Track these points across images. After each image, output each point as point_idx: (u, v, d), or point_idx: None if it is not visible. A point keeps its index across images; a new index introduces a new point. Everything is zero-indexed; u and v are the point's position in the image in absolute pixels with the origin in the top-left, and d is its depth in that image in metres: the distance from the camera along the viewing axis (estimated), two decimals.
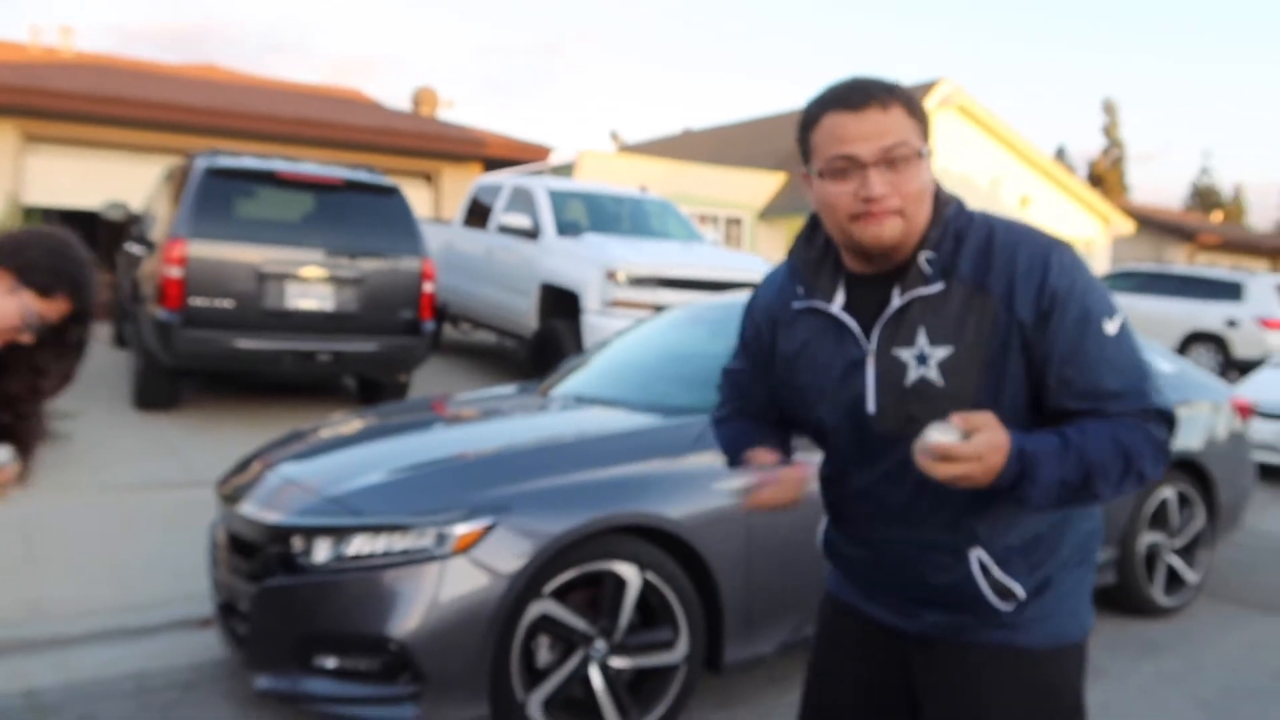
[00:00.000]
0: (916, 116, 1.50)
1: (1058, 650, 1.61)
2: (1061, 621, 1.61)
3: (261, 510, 3.04)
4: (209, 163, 6.60)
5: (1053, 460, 1.39)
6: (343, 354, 6.68)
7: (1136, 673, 3.76)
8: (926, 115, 1.54)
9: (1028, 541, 1.56)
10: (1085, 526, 1.64)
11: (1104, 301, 1.49)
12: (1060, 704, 1.63)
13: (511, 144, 15.06)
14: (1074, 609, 1.63)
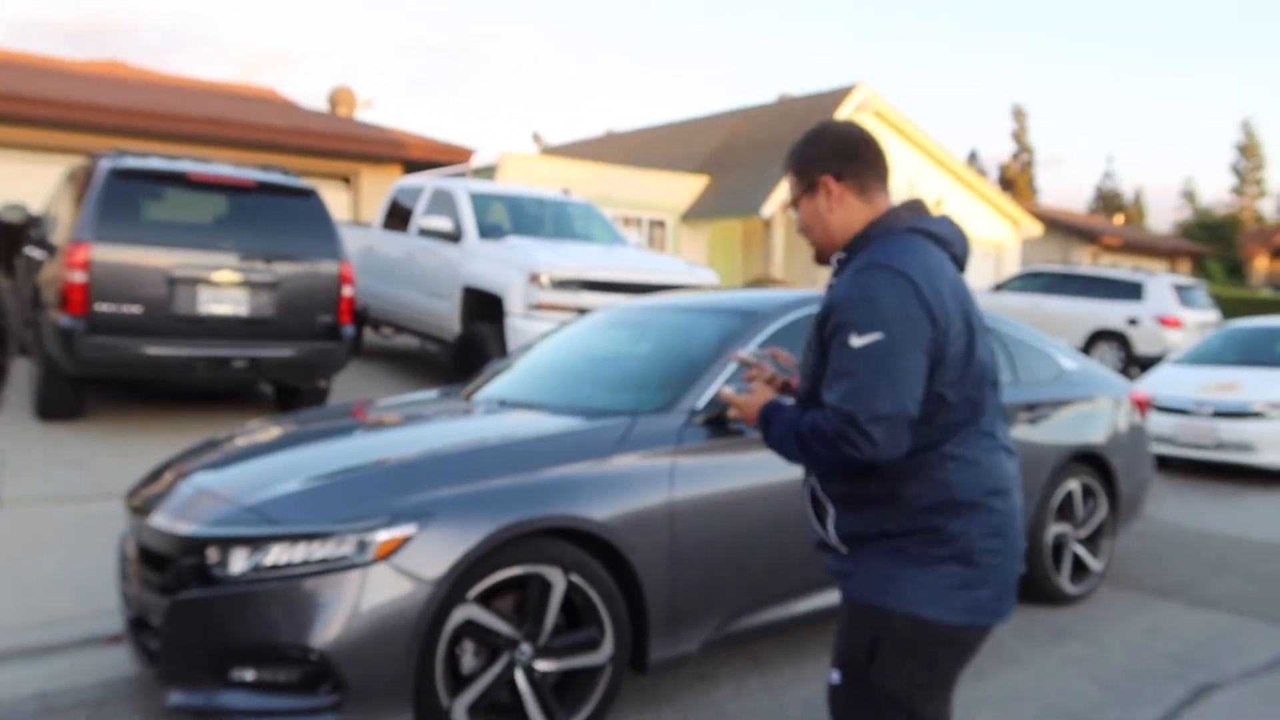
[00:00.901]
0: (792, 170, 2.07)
1: (865, 606, 1.88)
2: (871, 582, 1.86)
3: (174, 521, 2.96)
4: (114, 163, 6.37)
5: (785, 423, 1.92)
6: (259, 360, 6.51)
7: (1044, 658, 3.91)
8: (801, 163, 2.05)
9: (860, 499, 1.89)
10: (916, 507, 1.85)
11: (864, 320, 1.79)
12: (854, 657, 1.90)
13: (432, 145, 14.89)
14: (890, 575, 1.86)
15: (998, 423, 1.94)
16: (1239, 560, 5.52)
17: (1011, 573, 1.92)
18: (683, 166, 20.74)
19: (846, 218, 1.98)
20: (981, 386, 1.89)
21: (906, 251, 1.88)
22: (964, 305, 1.90)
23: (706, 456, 3.32)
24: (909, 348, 1.78)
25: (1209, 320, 13.82)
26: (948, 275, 1.90)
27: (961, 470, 1.86)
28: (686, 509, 3.19)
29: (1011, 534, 1.91)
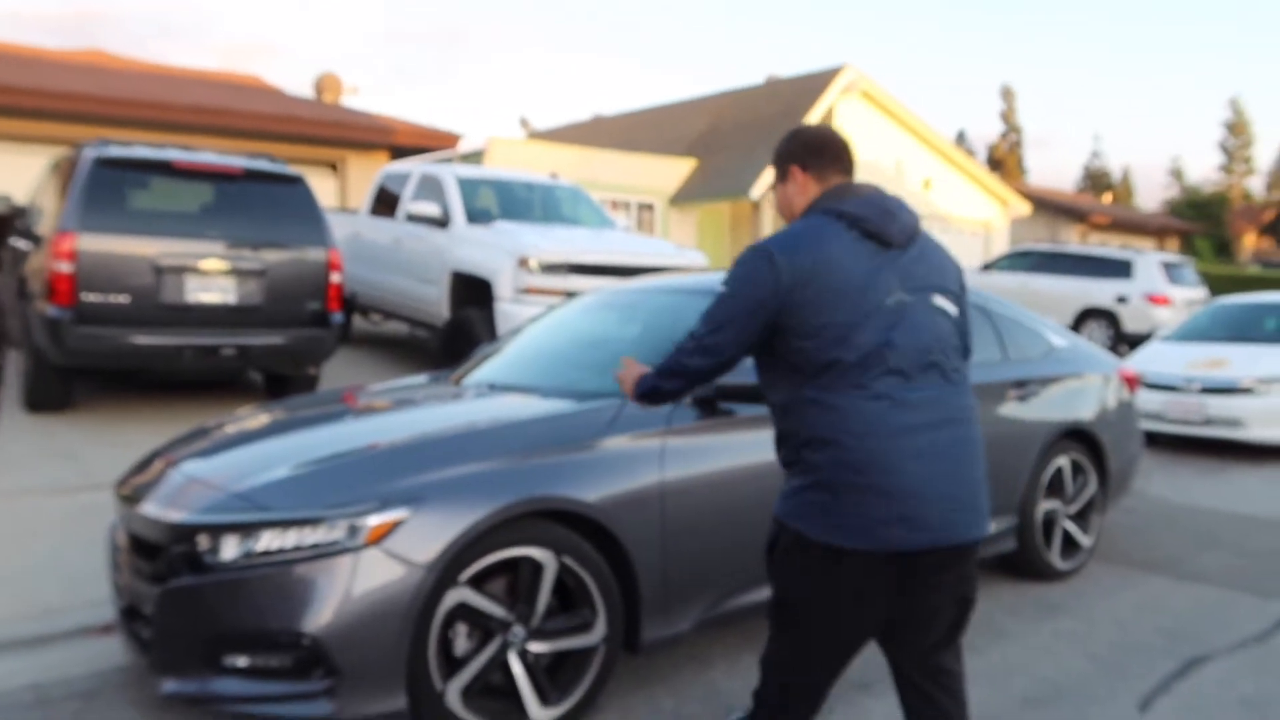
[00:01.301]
0: (773, 162, 2.48)
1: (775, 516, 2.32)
2: (780, 498, 2.30)
3: (164, 509, 2.95)
4: (98, 153, 6.32)
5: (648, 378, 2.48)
6: (247, 348, 6.49)
7: (1035, 633, 3.94)
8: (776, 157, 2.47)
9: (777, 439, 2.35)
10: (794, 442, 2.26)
11: (726, 280, 2.30)
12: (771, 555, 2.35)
13: (419, 131, 14.81)
14: (785, 494, 2.29)
15: (878, 378, 2.17)
16: (1227, 535, 5.56)
17: (881, 508, 2.13)
18: (670, 150, 20.68)
19: (805, 201, 2.38)
20: (852, 348, 2.16)
21: (794, 231, 2.28)
22: (862, 279, 2.19)
23: (696, 437, 3.32)
24: (736, 305, 2.26)
25: (1197, 297, 13.88)
26: (830, 251, 2.20)
27: (822, 414, 2.18)
28: (677, 489, 3.20)
29: (875, 471, 2.14)
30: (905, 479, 2.14)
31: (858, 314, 2.17)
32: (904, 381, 2.20)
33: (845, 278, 2.18)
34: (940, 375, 2.25)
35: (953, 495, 2.19)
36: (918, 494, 2.14)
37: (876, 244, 2.24)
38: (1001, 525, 4.35)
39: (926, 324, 2.24)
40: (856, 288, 2.18)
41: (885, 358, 2.17)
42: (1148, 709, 3.25)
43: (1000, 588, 4.46)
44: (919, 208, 21.72)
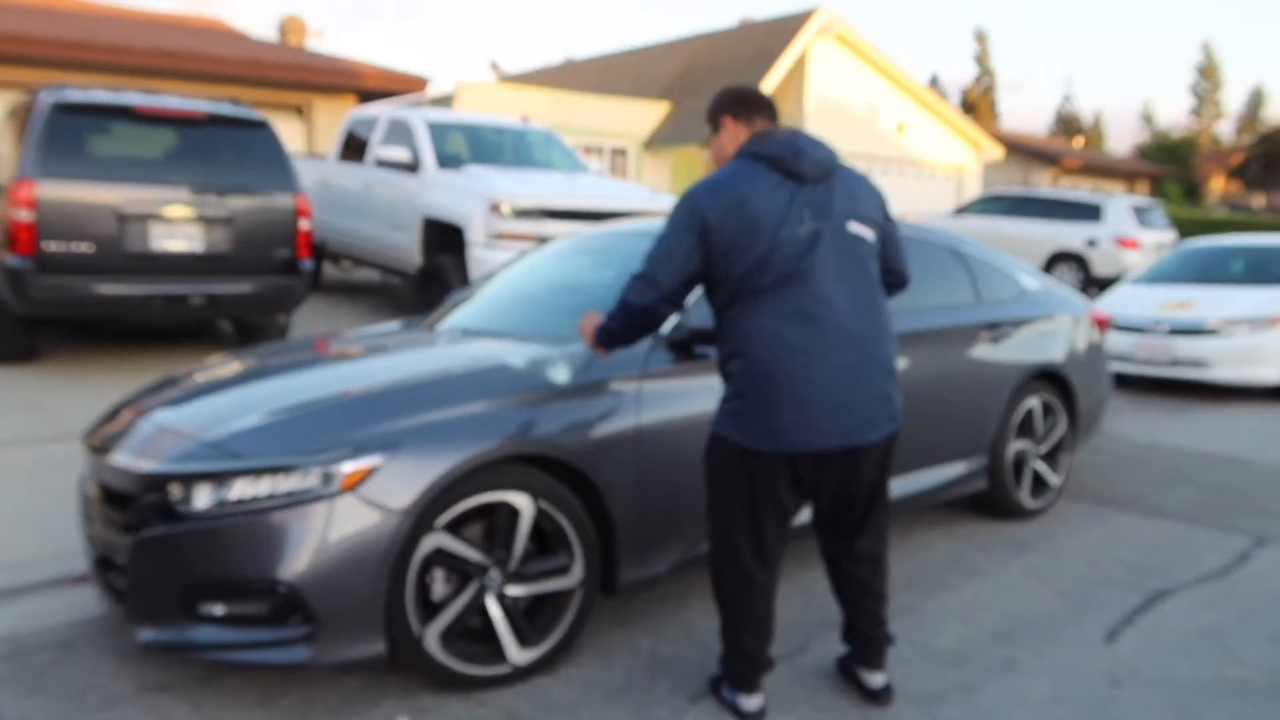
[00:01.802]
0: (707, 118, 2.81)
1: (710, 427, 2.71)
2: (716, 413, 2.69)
3: (135, 459, 2.92)
4: (56, 97, 6.14)
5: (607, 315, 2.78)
6: (216, 297, 6.39)
7: (1005, 570, 4.01)
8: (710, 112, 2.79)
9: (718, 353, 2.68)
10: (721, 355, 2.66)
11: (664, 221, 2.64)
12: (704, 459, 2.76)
13: (387, 75, 14.50)
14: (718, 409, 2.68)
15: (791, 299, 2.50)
16: (1189, 472, 5.68)
17: (789, 413, 2.50)
18: (644, 93, 20.42)
19: (736, 147, 2.68)
20: (768, 272, 2.49)
21: (718, 175, 2.60)
22: (777, 211, 2.50)
23: (672, 380, 3.32)
24: (670, 244, 2.58)
25: (1166, 240, 14.00)
26: (745, 189, 2.52)
27: (739, 329, 2.54)
28: (653, 433, 3.21)
29: (781, 381, 2.49)
30: (806, 389, 2.48)
31: (773, 243, 2.49)
32: (814, 303, 2.50)
33: (761, 212, 2.50)
34: (848, 295, 2.54)
35: (848, 404, 2.52)
36: (816, 402, 2.50)
37: (792, 181, 2.54)
38: (973, 465, 4.41)
39: (836, 249, 2.54)
40: (772, 220, 2.50)
41: (797, 281, 2.50)
42: (1113, 641, 3.34)
43: (971, 527, 4.54)
44: (892, 151, 21.63)
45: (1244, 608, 3.64)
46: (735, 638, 2.75)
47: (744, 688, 2.76)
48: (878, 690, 2.86)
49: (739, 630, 2.73)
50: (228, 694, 2.87)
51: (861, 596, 2.83)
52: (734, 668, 2.77)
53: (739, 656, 2.75)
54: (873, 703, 2.84)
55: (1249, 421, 7.22)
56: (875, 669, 2.87)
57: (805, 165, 2.55)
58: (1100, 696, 2.94)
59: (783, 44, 18.92)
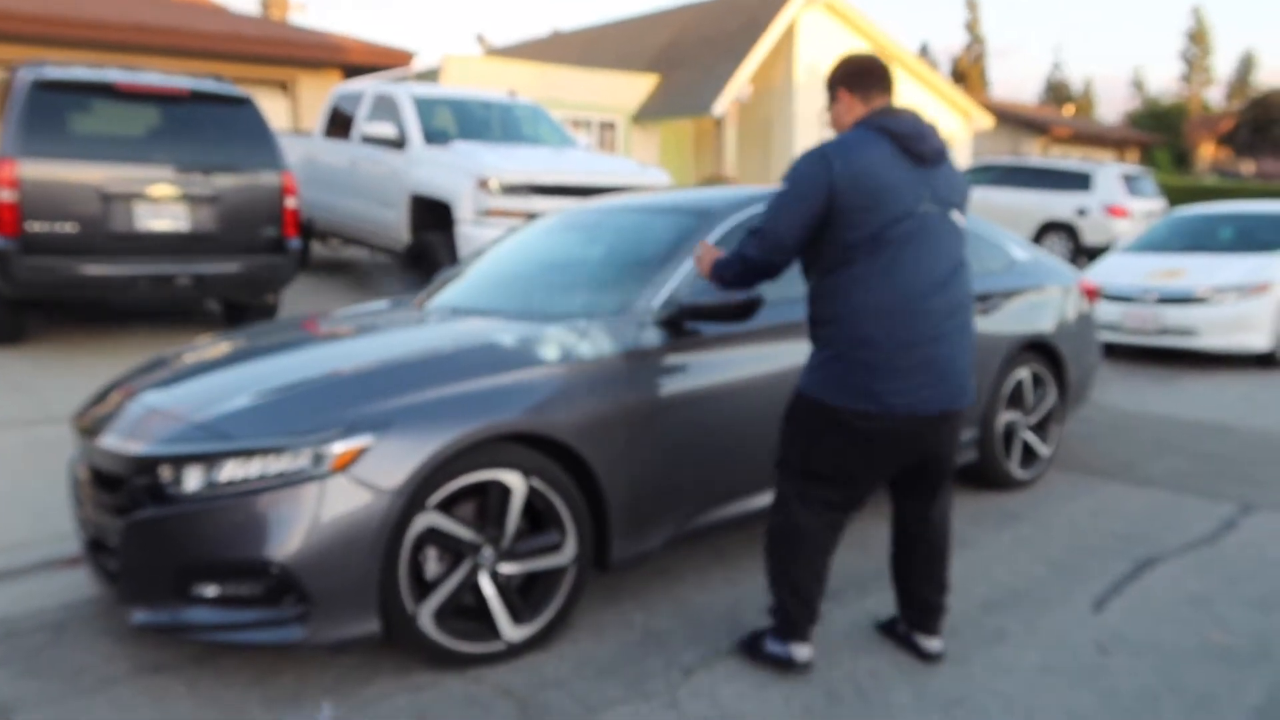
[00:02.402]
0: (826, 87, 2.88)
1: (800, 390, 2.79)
2: (805, 375, 2.78)
3: (124, 441, 2.91)
4: (35, 74, 6.06)
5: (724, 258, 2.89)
6: (203, 276, 6.35)
7: (995, 540, 4.04)
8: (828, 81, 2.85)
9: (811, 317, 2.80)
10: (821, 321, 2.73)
11: (784, 177, 2.69)
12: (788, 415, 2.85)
13: (372, 49, 14.34)
14: (809, 371, 2.77)
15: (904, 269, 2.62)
16: (1178, 440, 5.72)
17: (898, 378, 2.61)
18: (631, 65, 20.25)
19: (853, 118, 2.77)
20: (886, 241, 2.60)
21: (846, 139, 2.68)
22: (898, 186, 2.62)
23: (663, 357, 3.31)
24: (793, 200, 2.64)
25: (1156, 209, 14.01)
26: (875, 157, 2.61)
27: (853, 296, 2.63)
28: (643, 409, 3.21)
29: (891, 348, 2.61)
30: (916, 357, 2.62)
31: (894, 213, 2.61)
32: (923, 277, 2.64)
33: (886, 181, 2.60)
34: (948, 273, 2.70)
35: (948, 373, 2.67)
36: (923, 369, 2.63)
37: (911, 159, 2.66)
38: (963, 437, 4.43)
39: (944, 231, 2.71)
40: (894, 190, 2.61)
41: (910, 255, 2.62)
42: (1101, 609, 3.37)
43: (961, 498, 4.56)
44: None
45: (1230, 574, 3.68)
46: (798, 587, 2.84)
47: (798, 637, 2.88)
48: (935, 654, 2.98)
49: (802, 580, 2.84)
50: (223, 674, 2.88)
51: (928, 563, 2.95)
52: (792, 617, 2.86)
53: (801, 606, 2.85)
54: (929, 663, 2.98)
55: (1237, 389, 7.27)
56: (933, 634, 2.99)
57: (926, 148, 2.67)
58: (1088, 665, 2.98)
59: (771, 13, 18.75)
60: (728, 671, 2.92)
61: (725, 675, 2.90)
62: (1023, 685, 2.85)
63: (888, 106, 2.74)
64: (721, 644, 3.09)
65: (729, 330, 3.44)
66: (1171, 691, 2.82)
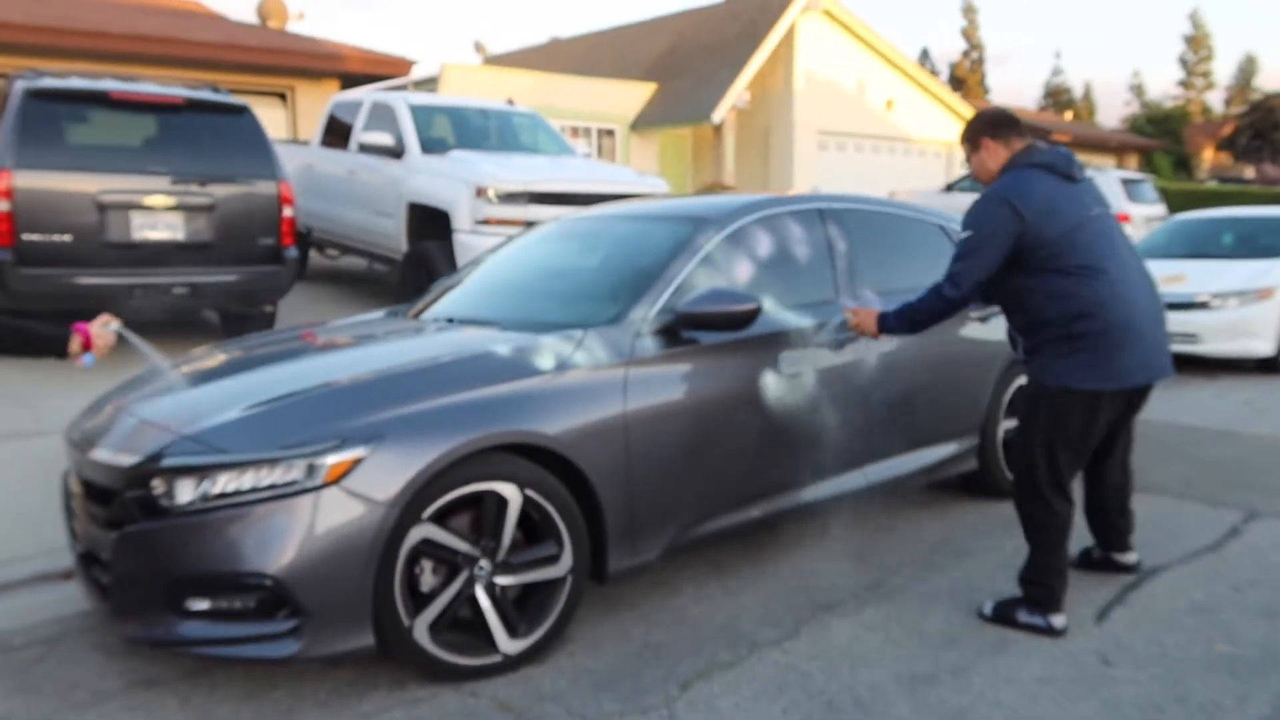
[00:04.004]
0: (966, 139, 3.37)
1: (1036, 383, 3.21)
2: (1037, 369, 3.20)
3: (116, 454, 2.88)
4: (30, 84, 6.05)
5: (896, 312, 3.39)
6: (199, 286, 6.34)
7: (997, 550, 4.01)
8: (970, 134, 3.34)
9: (1026, 329, 3.21)
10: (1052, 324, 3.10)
11: (966, 224, 3.16)
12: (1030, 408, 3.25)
13: (371, 58, 14.36)
14: (1044, 365, 3.16)
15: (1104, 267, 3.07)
16: (1180, 446, 5.68)
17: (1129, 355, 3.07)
18: (630, 73, 20.28)
19: (999, 163, 3.25)
20: (1081, 249, 3.06)
21: (1013, 180, 3.12)
22: (1073, 204, 3.10)
23: (660, 366, 3.29)
24: (986, 243, 3.08)
25: (1156, 214, 13.99)
26: (1045, 188, 3.09)
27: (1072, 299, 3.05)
28: (641, 420, 3.18)
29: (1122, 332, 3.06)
30: (1137, 336, 3.07)
31: (1077, 223, 3.07)
32: (1119, 266, 3.10)
33: (1061, 204, 3.08)
34: (1135, 261, 3.18)
35: (1160, 346, 3.17)
36: (1145, 346, 3.10)
37: (1067, 180, 3.14)
38: (963, 445, 4.40)
39: (1115, 227, 3.20)
40: (1071, 208, 3.09)
41: (1104, 252, 3.09)
42: (1104, 619, 3.34)
43: (962, 507, 4.54)
44: (881, 128, 21.48)
45: (1235, 582, 3.65)
46: (1053, 563, 3.24)
47: (1055, 608, 3.22)
48: (1134, 564, 3.65)
49: (1056, 555, 3.24)
50: (216, 689, 2.85)
51: (1122, 497, 3.59)
52: (1050, 591, 3.22)
53: (1057, 578, 3.23)
54: (1129, 573, 3.63)
55: (1239, 394, 7.24)
56: (1128, 550, 3.65)
57: (1074, 170, 3.18)
58: (1091, 675, 2.94)
59: (770, 20, 18.77)
60: (726, 684, 2.89)
61: (723, 688, 2.87)
62: (1024, 696, 2.82)
63: (1030, 145, 3.22)
64: (720, 656, 3.06)
65: (726, 339, 3.42)
66: (1176, 702, 2.78)
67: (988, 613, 3.34)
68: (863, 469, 3.94)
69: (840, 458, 3.83)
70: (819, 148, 19.94)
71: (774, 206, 3.99)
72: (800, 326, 3.70)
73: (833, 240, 4.06)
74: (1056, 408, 3.13)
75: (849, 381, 3.84)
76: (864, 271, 4.10)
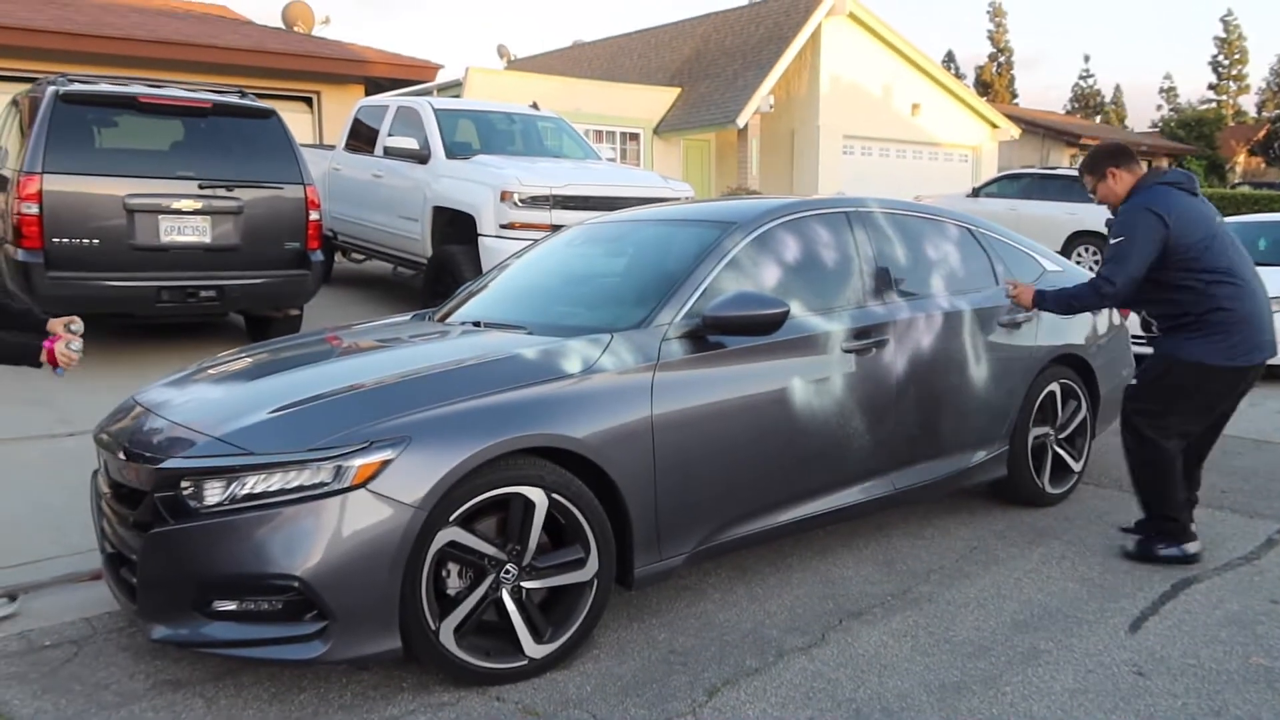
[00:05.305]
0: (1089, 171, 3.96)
1: (1165, 355, 3.81)
2: (1170, 345, 3.80)
3: (145, 455, 2.89)
4: (60, 89, 6.12)
5: (1057, 295, 3.94)
6: (226, 290, 6.38)
7: (1026, 557, 3.95)
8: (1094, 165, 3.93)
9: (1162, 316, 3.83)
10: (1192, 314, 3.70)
11: (1119, 231, 3.72)
12: (1151, 376, 3.86)
13: (396, 62, 14.45)
14: (1180, 345, 3.76)
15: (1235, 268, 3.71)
16: (1214, 456, 5.50)
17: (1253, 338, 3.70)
18: (654, 77, 20.30)
19: (1125, 188, 3.83)
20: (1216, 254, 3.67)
21: (1154, 196, 3.68)
22: (1202, 216, 3.72)
23: (686, 370, 3.27)
24: (1138, 249, 3.63)
25: None
26: (1180, 201, 3.68)
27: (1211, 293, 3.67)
28: (667, 424, 3.16)
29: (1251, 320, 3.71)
30: (1260, 324, 3.73)
31: (1211, 233, 3.70)
32: (1244, 268, 3.75)
33: (1194, 215, 3.68)
34: (1248, 259, 3.82)
35: (1272, 330, 3.78)
36: (1264, 331, 3.75)
37: (1194, 196, 3.75)
38: (992, 452, 4.34)
39: (1233, 235, 3.82)
40: (1202, 217, 3.71)
41: (1234, 259, 3.72)
42: (1137, 630, 3.28)
43: (991, 514, 4.48)
44: (907, 132, 21.31)
45: (1272, 594, 3.58)
46: (1170, 496, 3.81)
47: (1187, 538, 3.80)
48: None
49: (1172, 488, 3.81)
50: (242, 690, 2.85)
51: (1197, 470, 4.10)
52: (1178, 523, 3.81)
53: (1180, 510, 3.81)
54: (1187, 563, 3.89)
55: (1274, 403, 7.11)
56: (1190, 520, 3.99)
57: (1196, 187, 3.78)
58: (1125, 687, 2.89)
59: (795, 24, 18.73)
60: (752, 691, 2.86)
61: (750, 695, 2.84)
62: (1057, 708, 2.77)
63: (1156, 169, 3.91)
64: (746, 662, 3.03)
65: (754, 343, 3.39)
66: (1212, 716, 2.73)
67: (1132, 550, 3.88)
68: (890, 475, 3.90)
69: (867, 464, 3.79)
70: (844, 152, 19.86)
71: (801, 209, 3.96)
72: (828, 330, 3.67)
73: (860, 243, 4.03)
74: (1186, 377, 3.74)
75: (877, 387, 3.80)
76: (892, 274, 4.06)
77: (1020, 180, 14.93)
